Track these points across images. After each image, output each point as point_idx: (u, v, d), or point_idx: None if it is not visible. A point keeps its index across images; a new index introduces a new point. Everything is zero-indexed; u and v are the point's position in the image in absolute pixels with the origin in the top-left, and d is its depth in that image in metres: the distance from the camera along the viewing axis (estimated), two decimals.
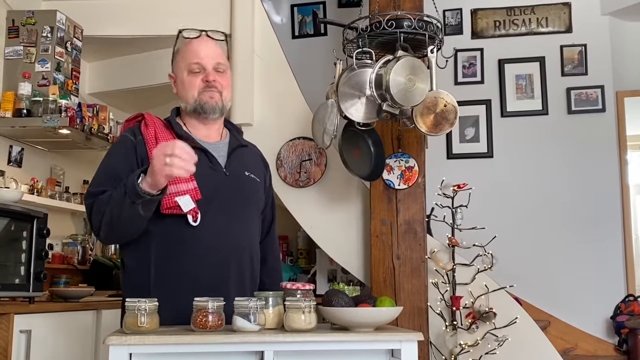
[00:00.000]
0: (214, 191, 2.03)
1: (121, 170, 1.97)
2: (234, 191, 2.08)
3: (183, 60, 2.11)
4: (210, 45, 2.12)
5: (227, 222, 2.04)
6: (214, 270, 1.99)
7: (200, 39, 2.12)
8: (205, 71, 2.08)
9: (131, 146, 2.04)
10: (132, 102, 4.57)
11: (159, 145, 1.84)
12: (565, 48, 4.72)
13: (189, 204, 1.96)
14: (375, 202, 3.21)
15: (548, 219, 4.58)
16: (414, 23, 2.75)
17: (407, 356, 1.66)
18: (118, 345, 1.58)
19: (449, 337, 3.08)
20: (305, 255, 4.62)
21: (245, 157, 2.20)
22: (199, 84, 2.08)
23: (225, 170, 2.09)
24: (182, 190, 1.96)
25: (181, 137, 2.04)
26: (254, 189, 2.17)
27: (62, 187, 4.08)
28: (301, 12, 5.27)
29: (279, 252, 2.38)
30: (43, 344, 2.87)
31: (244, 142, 2.25)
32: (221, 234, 2.01)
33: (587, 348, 4.37)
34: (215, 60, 2.10)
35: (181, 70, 2.11)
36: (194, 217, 1.96)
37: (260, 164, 2.29)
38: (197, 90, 2.08)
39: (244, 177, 2.14)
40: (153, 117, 2.12)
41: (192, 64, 2.08)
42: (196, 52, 2.09)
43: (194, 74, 2.09)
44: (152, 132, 2.05)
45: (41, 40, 3.61)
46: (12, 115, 3.43)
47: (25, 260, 3.01)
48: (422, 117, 2.85)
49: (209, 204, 2.00)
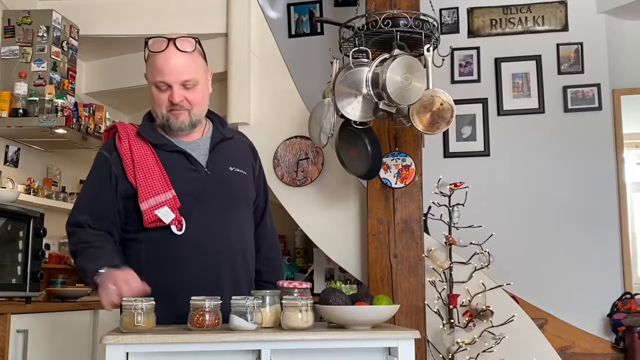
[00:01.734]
0: (197, 193, 1.99)
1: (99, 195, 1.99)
2: (218, 190, 2.02)
3: (150, 73, 2.00)
4: (178, 60, 1.96)
5: (214, 224, 2.00)
6: (206, 273, 1.96)
7: (166, 52, 1.95)
8: (171, 90, 1.96)
9: (107, 167, 2.00)
10: (128, 102, 4.57)
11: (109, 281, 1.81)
12: (562, 46, 4.73)
13: (169, 214, 1.93)
14: (372, 200, 3.22)
15: (545, 217, 4.58)
16: (410, 22, 2.76)
17: (404, 354, 1.66)
18: (115, 344, 1.58)
19: (446, 335, 3.08)
20: (303, 254, 4.62)
21: (229, 151, 2.12)
22: (166, 102, 1.98)
23: (207, 169, 2.03)
24: (161, 201, 1.93)
25: (156, 145, 2.01)
26: (239, 184, 2.10)
27: (59, 187, 4.07)
28: (298, 11, 5.26)
29: (275, 240, 2.29)
30: (40, 344, 2.86)
31: (228, 134, 2.15)
32: (209, 237, 1.98)
33: (584, 346, 4.38)
34: (182, 78, 1.96)
35: (149, 82, 2.01)
36: (177, 226, 1.94)
37: (248, 154, 2.19)
38: (164, 108, 2.00)
39: (228, 173, 2.07)
40: (126, 127, 2.06)
41: (158, 81, 1.97)
42: (161, 69, 1.95)
43: (160, 90, 1.98)
44: (127, 145, 2.00)
45: (37, 40, 3.60)
46: (9, 115, 3.42)
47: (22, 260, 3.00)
48: (419, 115, 2.85)
49: (193, 207, 1.97)
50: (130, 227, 2.00)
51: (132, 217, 1.98)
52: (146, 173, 1.96)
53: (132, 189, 1.96)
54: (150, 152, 2.01)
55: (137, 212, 1.96)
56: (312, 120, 3.03)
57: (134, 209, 1.97)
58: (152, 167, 1.97)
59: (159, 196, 1.93)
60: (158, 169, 1.97)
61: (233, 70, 3.52)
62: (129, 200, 1.97)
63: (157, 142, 2.03)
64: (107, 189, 1.99)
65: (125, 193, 1.97)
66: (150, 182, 1.95)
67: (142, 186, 1.95)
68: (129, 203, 1.98)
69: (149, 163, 1.98)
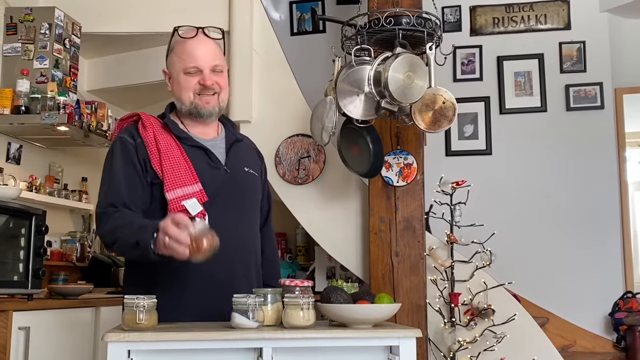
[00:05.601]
0: (217, 190, 2.01)
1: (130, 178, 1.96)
2: (236, 189, 2.07)
3: (179, 60, 2.04)
4: (208, 46, 2.05)
5: (231, 221, 2.03)
6: (222, 268, 1.97)
7: (196, 38, 2.04)
8: (202, 74, 2.02)
9: (133, 150, 2.00)
10: (130, 99, 4.57)
11: (166, 221, 1.75)
12: (564, 45, 4.73)
13: (197, 206, 1.94)
14: (373, 199, 3.21)
15: (547, 215, 4.58)
16: (412, 20, 2.75)
17: (405, 353, 1.67)
18: (116, 342, 1.59)
19: (447, 334, 3.08)
20: (304, 253, 4.62)
21: (242, 152, 2.18)
22: (195, 86, 2.03)
23: (226, 167, 2.07)
24: (188, 193, 1.94)
25: (179, 138, 2.03)
26: (253, 185, 2.16)
27: (61, 184, 4.08)
28: (300, 9, 5.26)
29: (275, 243, 2.36)
30: (42, 341, 2.87)
31: (239, 136, 2.22)
32: (227, 234, 1.98)
33: (585, 345, 4.38)
34: (213, 62, 2.04)
35: (177, 70, 2.05)
36: (201, 219, 1.94)
37: (256, 157, 2.26)
38: (192, 92, 2.04)
39: (244, 174, 2.12)
40: (150, 118, 2.08)
41: (189, 66, 2.02)
42: (193, 53, 2.02)
43: (190, 74, 2.03)
44: (151, 134, 2.01)
45: (39, 37, 3.60)
46: (11, 112, 3.42)
47: (23, 257, 3.00)
48: (421, 114, 2.85)
49: (213, 203, 1.99)
50: (147, 217, 1.97)
51: (151, 207, 1.98)
52: (173, 163, 1.97)
53: (157, 177, 1.96)
54: (175, 144, 2.02)
55: (157, 201, 1.97)
56: (314, 118, 3.03)
57: (154, 198, 1.97)
58: (178, 158, 1.99)
59: (186, 187, 1.94)
60: (184, 161, 1.99)
61: (235, 68, 3.52)
62: (150, 188, 1.98)
63: (181, 136, 2.04)
64: (137, 171, 1.98)
65: (149, 180, 1.98)
66: (177, 173, 1.96)
67: (169, 176, 1.95)
68: (150, 191, 1.98)
69: (176, 154, 1.99)
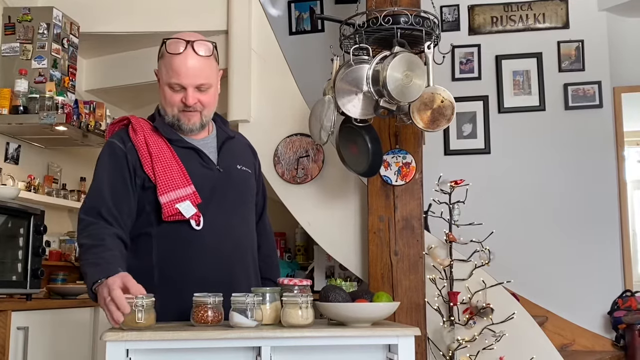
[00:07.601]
0: (211, 190, 2.00)
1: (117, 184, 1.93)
2: (229, 188, 2.05)
3: (165, 72, 1.98)
4: (194, 64, 1.95)
5: (227, 221, 2.02)
6: (220, 269, 1.97)
7: (183, 55, 1.94)
8: (185, 92, 1.96)
9: (122, 156, 1.97)
10: (129, 99, 4.56)
11: (116, 281, 1.66)
12: (563, 44, 4.73)
13: (190, 209, 1.93)
14: (372, 198, 3.22)
15: (545, 214, 4.58)
16: (410, 19, 2.75)
17: (403, 351, 1.67)
18: (115, 341, 1.58)
19: (446, 333, 3.08)
20: (303, 252, 4.62)
21: (234, 150, 2.15)
22: (179, 103, 1.98)
23: (219, 167, 2.05)
24: (182, 196, 1.93)
25: (170, 140, 2.01)
26: (246, 182, 2.13)
27: (59, 184, 4.08)
28: (298, 8, 5.26)
29: (273, 238, 2.33)
30: (40, 341, 2.87)
31: (231, 133, 2.18)
32: (223, 234, 1.99)
33: (584, 343, 4.38)
34: (198, 82, 1.96)
35: (163, 80, 1.99)
36: (196, 221, 1.94)
37: (249, 153, 2.23)
38: (176, 108, 1.99)
39: (237, 172, 2.10)
40: (140, 121, 2.05)
41: (173, 82, 1.96)
42: (178, 70, 1.94)
43: (174, 90, 1.97)
44: (142, 138, 1.99)
45: (37, 37, 3.60)
46: (9, 112, 3.42)
47: (22, 257, 3.01)
48: (419, 113, 2.85)
49: (207, 203, 1.98)
50: (142, 221, 1.97)
51: (145, 211, 1.96)
52: (165, 166, 1.95)
53: (149, 181, 1.95)
54: (166, 147, 2.00)
55: (151, 205, 1.95)
56: (313, 117, 3.03)
57: (148, 202, 1.95)
58: (170, 161, 1.97)
59: (179, 190, 1.93)
60: (176, 163, 1.98)
61: (233, 67, 3.52)
62: (143, 193, 1.96)
63: (171, 138, 2.02)
64: (125, 178, 1.95)
65: (141, 185, 1.96)
66: (169, 176, 1.94)
67: (161, 179, 1.93)
68: (143, 196, 1.96)
69: (167, 157, 1.98)
